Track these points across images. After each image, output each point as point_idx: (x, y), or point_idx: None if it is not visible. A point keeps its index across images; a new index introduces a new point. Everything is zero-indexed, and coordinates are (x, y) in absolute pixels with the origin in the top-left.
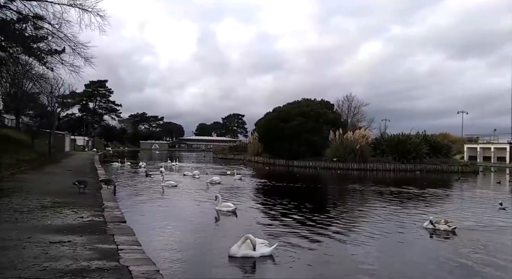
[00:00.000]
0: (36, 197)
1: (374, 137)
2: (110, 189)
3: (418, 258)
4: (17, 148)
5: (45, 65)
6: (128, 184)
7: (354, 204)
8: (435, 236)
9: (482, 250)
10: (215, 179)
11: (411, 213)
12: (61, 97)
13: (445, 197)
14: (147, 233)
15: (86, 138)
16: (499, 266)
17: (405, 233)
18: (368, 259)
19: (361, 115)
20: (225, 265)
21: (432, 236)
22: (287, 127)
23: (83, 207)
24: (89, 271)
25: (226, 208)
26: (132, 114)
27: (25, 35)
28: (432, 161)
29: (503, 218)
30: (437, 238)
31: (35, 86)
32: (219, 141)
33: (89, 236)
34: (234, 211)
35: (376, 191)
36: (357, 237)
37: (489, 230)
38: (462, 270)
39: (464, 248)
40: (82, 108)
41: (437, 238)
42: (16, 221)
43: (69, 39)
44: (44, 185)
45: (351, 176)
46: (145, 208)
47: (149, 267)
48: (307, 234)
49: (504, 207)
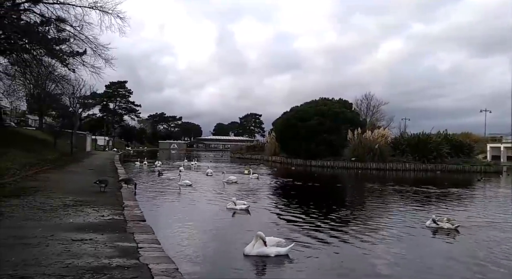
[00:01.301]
0: (58, 196)
1: (393, 136)
2: (130, 188)
3: (437, 259)
4: (41, 147)
5: (67, 67)
6: (145, 182)
7: (373, 203)
8: (445, 235)
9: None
10: (231, 178)
11: (430, 213)
12: (83, 98)
13: (465, 197)
14: (165, 232)
15: (106, 138)
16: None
17: (426, 235)
18: (386, 259)
19: (380, 114)
20: (241, 263)
21: (435, 234)
22: (304, 127)
23: (104, 206)
24: (110, 268)
25: (239, 206)
26: (151, 114)
27: (48, 38)
28: (453, 161)
29: None
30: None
31: (58, 88)
32: (237, 141)
33: (110, 234)
34: (247, 209)
35: (396, 190)
36: (376, 237)
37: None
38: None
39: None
40: (103, 108)
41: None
42: (40, 219)
43: (90, 41)
44: (66, 184)
45: (370, 176)
46: (163, 206)
47: (168, 265)
48: (324, 234)
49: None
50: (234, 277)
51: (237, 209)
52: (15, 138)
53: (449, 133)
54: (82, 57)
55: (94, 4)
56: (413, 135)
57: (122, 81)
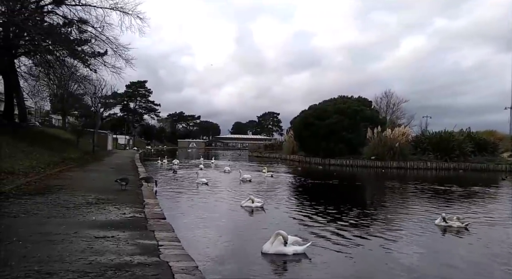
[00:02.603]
0: (81, 194)
1: (414, 135)
2: (150, 186)
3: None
4: (64, 146)
5: (89, 67)
6: (162, 181)
7: (391, 202)
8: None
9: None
10: (246, 176)
11: (449, 212)
12: (104, 97)
13: (487, 196)
14: (184, 229)
15: (127, 137)
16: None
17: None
18: (406, 259)
19: (401, 112)
20: (259, 261)
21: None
22: (323, 125)
23: (125, 204)
24: (132, 265)
25: (255, 203)
26: (170, 113)
27: (70, 39)
28: (477, 159)
29: None
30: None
31: (80, 88)
32: (255, 139)
33: (131, 232)
34: (262, 207)
35: (416, 189)
36: (393, 236)
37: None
38: None
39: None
40: (123, 108)
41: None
42: (64, 216)
43: (111, 42)
44: (88, 182)
45: (390, 175)
46: (181, 204)
47: (188, 263)
48: (340, 232)
49: None
50: (253, 275)
51: (252, 207)
52: (39, 138)
53: (472, 131)
54: (103, 57)
55: (115, 5)
56: (434, 134)
57: (142, 81)
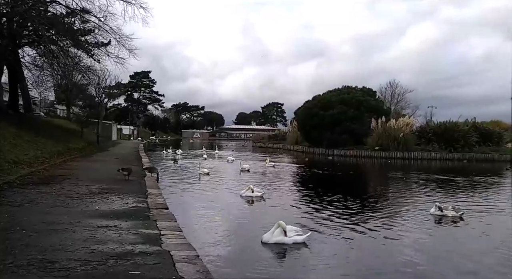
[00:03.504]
0: (85, 184)
1: (419, 125)
2: (153, 176)
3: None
4: (68, 136)
5: (93, 58)
6: (164, 170)
7: (393, 192)
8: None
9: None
10: (244, 166)
11: (452, 201)
12: (108, 88)
13: (489, 186)
14: (186, 219)
15: (131, 128)
16: None
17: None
18: (405, 250)
19: (405, 102)
20: (259, 251)
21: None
22: (327, 116)
23: (128, 194)
24: (133, 254)
25: (255, 193)
26: (174, 104)
27: (74, 29)
28: (481, 150)
29: None
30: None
31: (84, 78)
32: (259, 130)
33: (134, 221)
34: (262, 196)
35: (419, 179)
36: (390, 226)
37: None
38: None
39: None
40: (128, 98)
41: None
42: (67, 206)
43: (114, 32)
44: (92, 172)
45: (394, 165)
46: (183, 194)
47: (189, 252)
48: (342, 221)
49: None
50: (253, 264)
51: (253, 196)
52: (44, 128)
53: (478, 122)
54: (106, 47)
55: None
56: (439, 124)
57: (146, 72)
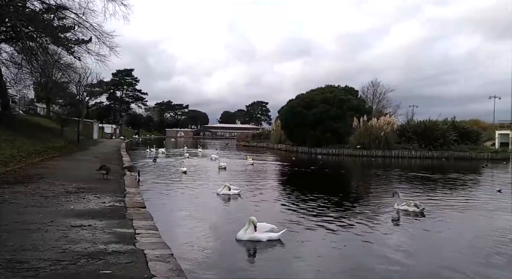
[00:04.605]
0: (62, 183)
1: (400, 124)
2: (133, 176)
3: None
4: (48, 135)
5: (73, 55)
6: (144, 169)
7: (371, 190)
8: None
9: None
10: (221, 164)
11: (421, 196)
12: (89, 86)
13: (461, 183)
14: (164, 218)
15: (113, 126)
16: None
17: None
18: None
19: (387, 101)
20: (233, 248)
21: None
22: (310, 114)
23: (106, 193)
24: (106, 254)
25: (232, 191)
26: (158, 102)
27: (53, 25)
28: (460, 148)
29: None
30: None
31: (64, 76)
32: (243, 129)
33: (109, 221)
34: (239, 194)
35: (399, 176)
36: (366, 223)
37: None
38: None
39: None
40: (110, 96)
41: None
42: (41, 205)
43: (95, 29)
44: (71, 171)
45: (375, 163)
46: (162, 192)
47: (164, 250)
48: (316, 218)
49: (500, 190)
50: (227, 261)
51: (230, 194)
52: (22, 127)
53: (457, 120)
54: (87, 45)
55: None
56: (419, 123)
57: (129, 69)
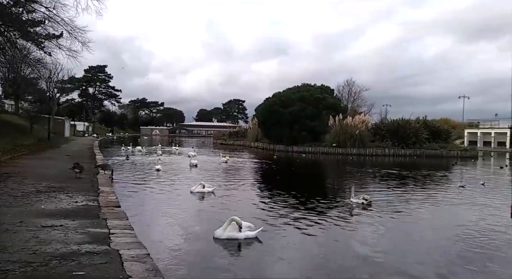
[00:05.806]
0: (31, 182)
1: (374, 122)
2: (107, 174)
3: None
4: (16, 133)
5: (43, 50)
6: (116, 167)
7: (341, 185)
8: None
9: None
10: (192, 162)
11: (390, 191)
12: (60, 82)
13: (427, 179)
14: (139, 217)
15: (86, 124)
16: None
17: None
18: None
19: (361, 100)
20: (211, 247)
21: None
22: (286, 113)
23: (78, 192)
24: (79, 254)
25: (206, 189)
26: (132, 100)
27: (22, 20)
28: (431, 146)
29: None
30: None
31: (34, 72)
32: (220, 127)
33: (82, 220)
34: (213, 192)
35: (372, 174)
36: (341, 218)
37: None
38: None
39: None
40: (82, 93)
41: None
42: (10, 205)
43: (66, 23)
44: (41, 170)
45: (349, 161)
46: (136, 191)
47: (139, 250)
48: (293, 215)
49: (463, 185)
50: (204, 260)
51: (204, 192)
52: None
53: (428, 119)
54: (58, 40)
55: None
56: (392, 121)
57: (102, 66)
